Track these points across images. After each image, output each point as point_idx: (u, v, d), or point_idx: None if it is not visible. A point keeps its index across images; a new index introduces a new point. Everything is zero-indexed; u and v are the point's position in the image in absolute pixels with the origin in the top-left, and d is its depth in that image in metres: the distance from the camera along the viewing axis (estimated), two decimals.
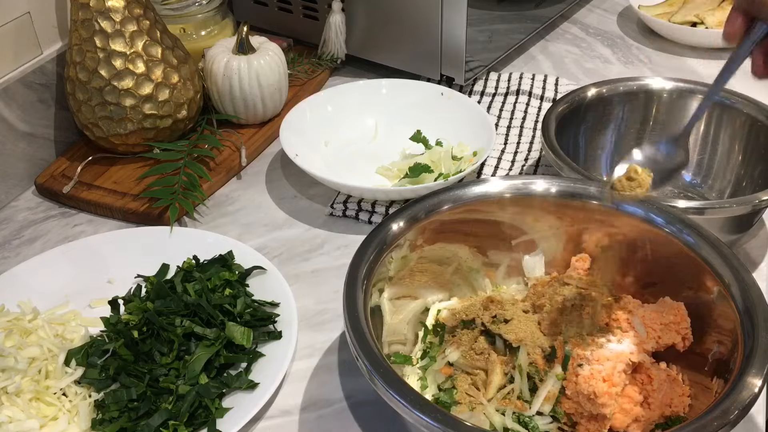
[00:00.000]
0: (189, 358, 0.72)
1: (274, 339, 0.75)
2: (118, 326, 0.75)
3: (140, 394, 0.69)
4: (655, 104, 0.96)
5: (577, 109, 0.94)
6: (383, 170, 1.00)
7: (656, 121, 0.97)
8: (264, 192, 1.00)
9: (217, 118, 1.08)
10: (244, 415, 0.68)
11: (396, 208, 0.92)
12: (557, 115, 0.91)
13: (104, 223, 0.95)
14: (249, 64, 1.03)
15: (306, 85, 1.16)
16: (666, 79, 0.96)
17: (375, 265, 0.67)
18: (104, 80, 0.95)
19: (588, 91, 0.95)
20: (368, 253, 0.68)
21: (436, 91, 1.06)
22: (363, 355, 0.59)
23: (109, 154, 1.02)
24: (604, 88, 0.95)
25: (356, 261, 0.67)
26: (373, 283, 0.67)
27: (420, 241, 0.73)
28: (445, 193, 0.74)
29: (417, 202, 0.73)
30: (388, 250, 0.69)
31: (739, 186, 0.92)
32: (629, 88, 0.95)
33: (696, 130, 0.95)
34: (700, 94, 0.93)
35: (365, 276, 0.66)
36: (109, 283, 0.84)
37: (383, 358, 0.59)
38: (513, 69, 1.21)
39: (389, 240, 0.70)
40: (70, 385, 0.71)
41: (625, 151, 0.96)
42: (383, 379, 0.57)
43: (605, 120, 0.97)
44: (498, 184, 0.75)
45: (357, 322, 0.61)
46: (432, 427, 0.54)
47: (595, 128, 0.96)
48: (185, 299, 0.77)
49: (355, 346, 0.60)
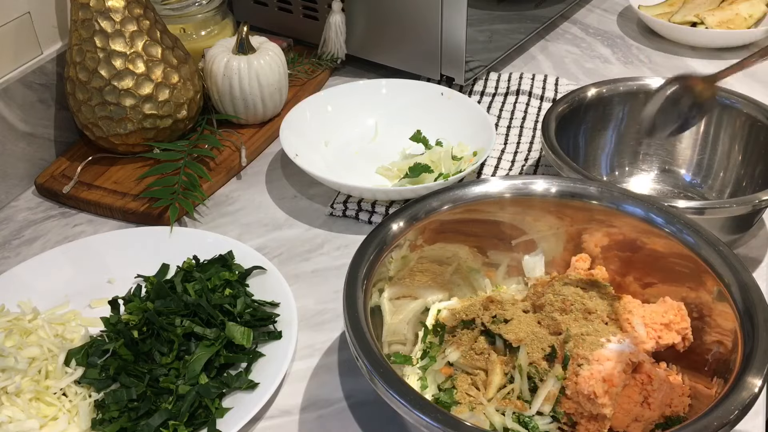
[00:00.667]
0: (189, 358, 0.72)
1: (274, 339, 0.75)
2: (118, 326, 0.75)
3: (140, 394, 0.69)
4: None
5: (577, 109, 0.94)
6: (383, 170, 0.99)
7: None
8: (264, 192, 1.00)
9: (217, 118, 1.08)
10: (244, 415, 0.68)
11: (396, 208, 0.92)
12: (557, 115, 0.91)
13: (104, 223, 0.95)
14: (249, 64, 1.03)
15: (306, 85, 1.16)
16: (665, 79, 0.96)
17: (375, 265, 0.67)
18: (104, 80, 0.95)
19: (588, 91, 0.95)
20: (368, 253, 0.68)
21: (436, 91, 1.06)
22: (363, 355, 0.59)
23: (109, 154, 1.02)
24: (604, 88, 0.96)
25: (356, 261, 0.67)
26: (373, 283, 0.67)
27: (420, 241, 0.73)
28: (445, 194, 0.74)
29: (417, 202, 0.73)
30: (388, 250, 0.69)
31: (739, 186, 0.92)
32: (629, 88, 0.95)
33: (696, 130, 0.95)
34: None
35: (365, 276, 0.66)
36: (109, 283, 0.84)
37: (383, 358, 0.59)
38: (513, 69, 1.21)
39: (389, 240, 0.70)
40: (70, 385, 0.71)
41: (625, 150, 0.97)
42: (383, 380, 0.57)
43: (605, 120, 0.97)
44: (498, 184, 0.75)
45: (357, 322, 0.61)
46: (432, 427, 0.54)
47: (595, 128, 0.97)
48: (185, 299, 0.77)
49: (355, 346, 0.60)
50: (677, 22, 1.26)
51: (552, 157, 0.84)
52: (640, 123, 0.75)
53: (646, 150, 0.98)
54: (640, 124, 0.79)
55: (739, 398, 0.55)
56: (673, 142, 0.96)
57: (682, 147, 0.96)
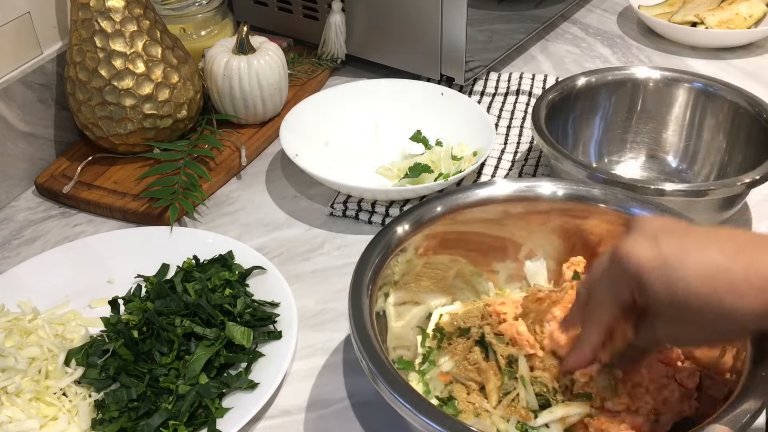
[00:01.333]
0: (189, 358, 0.72)
1: (274, 339, 0.75)
2: (118, 326, 0.75)
3: (140, 394, 0.69)
4: (641, 93, 0.99)
5: (567, 97, 0.96)
6: (383, 170, 1.00)
7: (643, 110, 0.99)
8: (264, 192, 0.99)
9: (217, 118, 1.07)
10: (244, 414, 0.68)
11: (396, 208, 0.92)
12: (547, 103, 0.93)
13: (104, 223, 0.95)
14: (249, 64, 1.03)
15: (306, 85, 1.16)
16: (652, 68, 0.98)
17: (380, 269, 0.67)
18: (104, 80, 0.95)
19: (578, 80, 0.97)
20: (373, 257, 0.67)
21: (436, 91, 1.06)
22: (370, 361, 0.58)
23: (109, 154, 1.02)
24: (594, 77, 0.98)
25: (361, 265, 0.66)
26: (378, 287, 0.66)
27: (425, 244, 0.72)
28: (448, 196, 0.73)
29: (421, 206, 0.72)
30: (393, 254, 0.69)
31: (723, 170, 0.94)
32: (617, 77, 0.98)
33: (681, 117, 0.98)
34: (686, 83, 0.96)
35: (370, 280, 0.65)
36: (109, 283, 0.84)
37: (390, 365, 0.58)
38: (513, 69, 1.21)
39: (394, 243, 0.69)
40: (70, 385, 0.71)
41: (614, 138, 0.99)
42: (391, 386, 0.56)
43: (594, 109, 0.99)
44: (504, 187, 0.74)
45: (363, 326, 0.61)
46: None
47: (583, 117, 0.99)
48: (185, 299, 0.77)
49: (361, 352, 0.59)
50: (677, 22, 1.26)
51: (541, 142, 0.86)
52: None
53: (634, 138, 1.00)
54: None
55: (748, 403, 0.54)
56: (660, 129, 0.99)
57: (668, 134, 0.99)
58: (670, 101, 0.98)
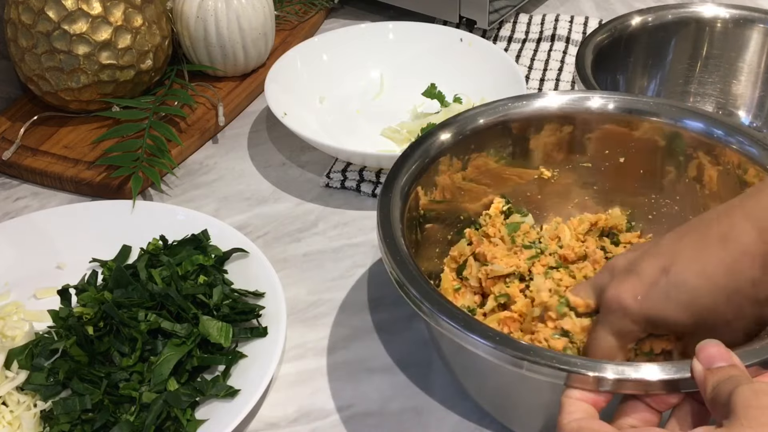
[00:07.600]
0: (155, 359, 0.72)
1: (257, 336, 0.76)
2: (70, 321, 0.75)
3: (96, 403, 0.69)
4: (707, 36, 0.99)
5: (617, 42, 0.96)
6: (390, 132, 0.99)
7: (709, 56, 0.99)
8: (246, 158, 1.00)
9: (189, 69, 1.08)
10: (222, 428, 0.68)
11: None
12: (594, 47, 0.93)
13: (52, 196, 0.95)
14: (227, 4, 1.03)
15: (297, 29, 1.17)
16: (721, 6, 0.99)
17: (419, 177, 0.72)
18: (52, 23, 0.95)
19: (630, 20, 0.97)
20: (408, 164, 0.72)
21: (454, 37, 1.06)
22: (402, 276, 0.60)
23: (59, 112, 1.02)
24: (650, 16, 0.98)
25: (396, 170, 0.71)
26: (413, 197, 0.71)
27: (463, 156, 0.76)
28: (498, 107, 0.77)
29: (460, 115, 0.76)
30: (433, 163, 0.74)
31: None
32: (678, 17, 0.98)
33: (756, 64, 0.98)
34: (761, 23, 0.97)
35: (406, 185, 0.70)
36: (58, 268, 0.84)
37: (424, 278, 0.61)
38: (547, 9, 1.21)
39: (433, 153, 0.73)
40: (12, 392, 0.71)
41: (674, 90, 0.99)
42: (429, 302, 0.59)
43: (650, 55, 1.00)
44: (556, 99, 0.77)
45: (391, 236, 0.64)
46: (498, 354, 0.55)
47: (637, 65, 0.99)
48: (150, 288, 0.77)
49: (390, 263, 0.61)
50: None
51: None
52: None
53: (698, 89, 1.01)
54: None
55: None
56: (729, 79, 0.99)
57: (739, 85, 1.00)
58: (741, 45, 0.97)
